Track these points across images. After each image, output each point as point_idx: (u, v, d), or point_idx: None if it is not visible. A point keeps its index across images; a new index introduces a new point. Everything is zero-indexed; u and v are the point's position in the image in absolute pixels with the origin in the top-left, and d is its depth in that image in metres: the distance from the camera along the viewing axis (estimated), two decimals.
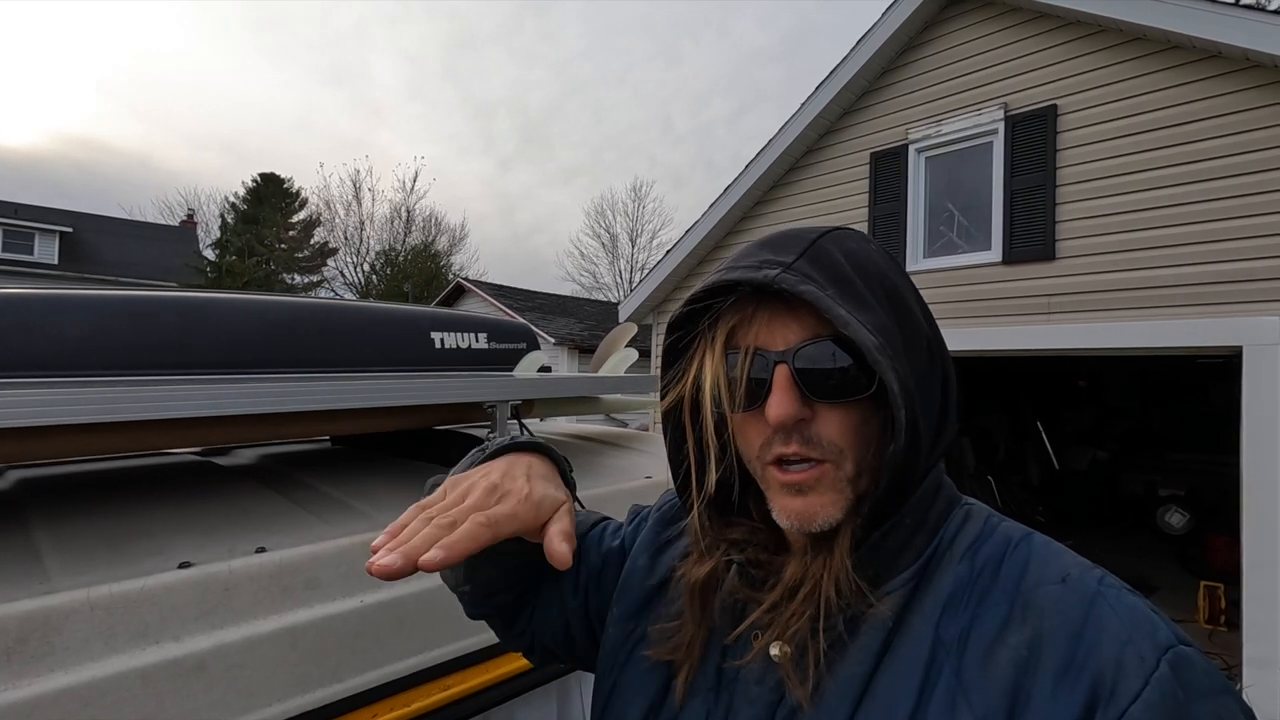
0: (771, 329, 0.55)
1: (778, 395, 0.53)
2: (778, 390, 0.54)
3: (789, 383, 0.54)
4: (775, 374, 0.54)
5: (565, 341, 14.18)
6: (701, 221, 7.54)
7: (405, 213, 31.84)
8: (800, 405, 0.54)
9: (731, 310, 0.57)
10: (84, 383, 0.88)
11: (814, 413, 0.54)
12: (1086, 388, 9.57)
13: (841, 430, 0.54)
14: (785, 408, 0.53)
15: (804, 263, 0.54)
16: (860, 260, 0.56)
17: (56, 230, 23.51)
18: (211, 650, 0.78)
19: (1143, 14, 4.68)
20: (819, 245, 0.56)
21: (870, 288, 0.55)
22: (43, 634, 0.71)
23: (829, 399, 0.54)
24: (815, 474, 0.54)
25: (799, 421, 0.54)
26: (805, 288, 0.52)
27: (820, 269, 0.54)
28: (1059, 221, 5.21)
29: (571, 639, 0.76)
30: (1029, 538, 0.55)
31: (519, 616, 0.77)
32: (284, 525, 1.00)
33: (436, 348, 1.54)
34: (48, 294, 1.11)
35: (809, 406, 0.54)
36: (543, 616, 0.77)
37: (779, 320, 0.55)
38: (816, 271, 0.54)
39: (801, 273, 0.53)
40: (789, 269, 0.53)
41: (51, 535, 0.90)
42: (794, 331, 0.55)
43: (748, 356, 0.56)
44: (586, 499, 1.27)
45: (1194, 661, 0.45)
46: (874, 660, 0.52)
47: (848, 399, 0.54)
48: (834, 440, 0.54)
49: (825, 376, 0.54)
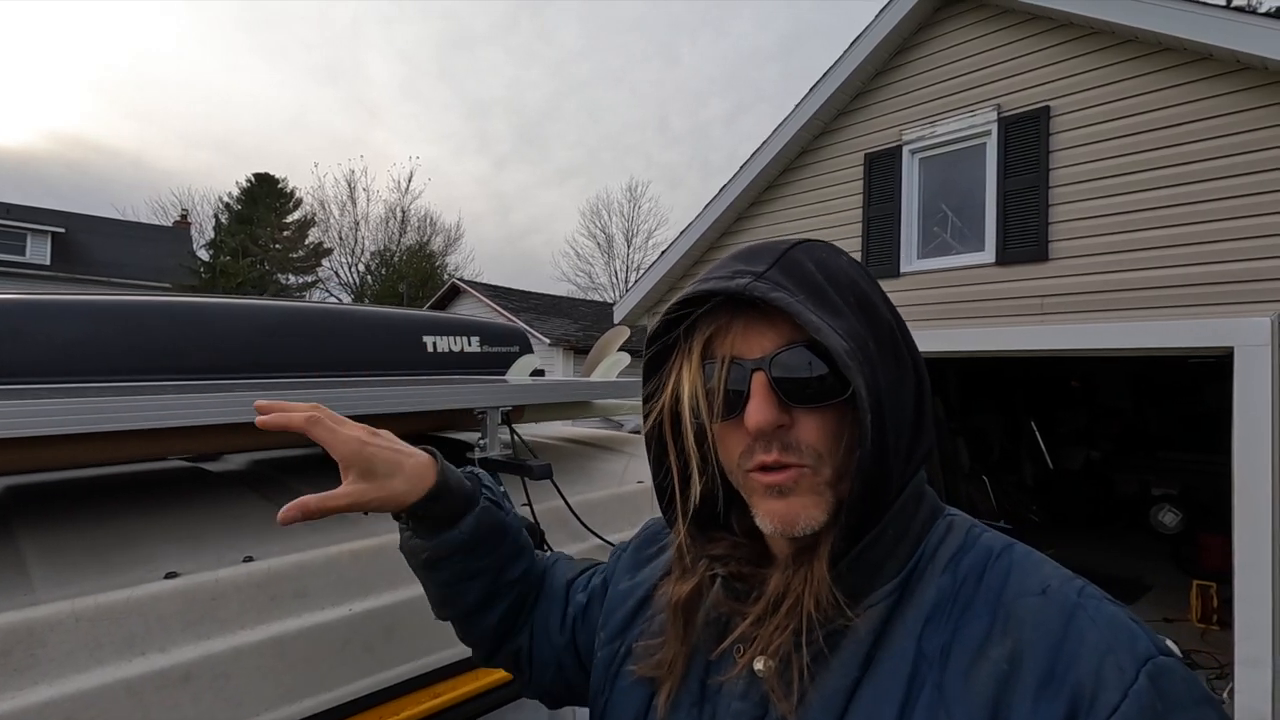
0: (747, 338, 0.56)
1: (756, 402, 0.54)
2: (756, 397, 0.54)
3: (767, 390, 0.54)
4: (753, 381, 0.54)
5: (560, 342, 14.17)
6: (696, 222, 7.54)
7: (400, 213, 31.78)
8: (779, 412, 0.54)
9: (707, 321, 0.57)
10: (71, 391, 0.88)
11: (793, 419, 0.55)
12: (1080, 388, 9.61)
13: (820, 435, 0.55)
14: (764, 414, 0.53)
15: (775, 272, 0.55)
16: (830, 269, 0.57)
17: (49, 231, 23.34)
18: (198, 660, 0.78)
19: (1135, 16, 4.70)
20: (790, 255, 0.57)
21: (841, 295, 0.55)
22: (27, 646, 0.70)
23: (806, 404, 0.54)
24: (795, 477, 0.55)
25: (778, 428, 0.54)
26: (777, 295, 0.53)
27: (792, 278, 0.55)
28: (1052, 223, 5.23)
29: (567, 679, 0.80)
30: (1010, 549, 0.56)
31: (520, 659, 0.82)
32: (273, 533, 0.99)
33: (429, 351, 1.53)
34: (36, 300, 1.10)
35: (787, 413, 0.55)
36: (539, 659, 0.81)
37: (754, 329, 0.56)
38: (788, 280, 0.55)
39: (773, 281, 0.54)
40: (761, 278, 0.54)
41: (36, 544, 0.90)
42: (769, 339, 0.55)
43: (724, 365, 0.56)
44: (579, 504, 1.27)
45: (1173, 672, 0.45)
46: (857, 673, 0.52)
47: (824, 403, 0.54)
48: (813, 445, 0.55)
49: (802, 383, 0.54)
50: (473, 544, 0.75)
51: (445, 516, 0.74)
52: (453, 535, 0.74)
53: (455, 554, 0.75)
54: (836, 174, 6.69)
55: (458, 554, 0.75)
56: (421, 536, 0.75)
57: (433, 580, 0.78)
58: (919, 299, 5.91)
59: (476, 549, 0.76)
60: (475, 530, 0.75)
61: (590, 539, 1.27)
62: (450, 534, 0.74)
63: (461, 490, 0.75)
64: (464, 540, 0.74)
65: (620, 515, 1.36)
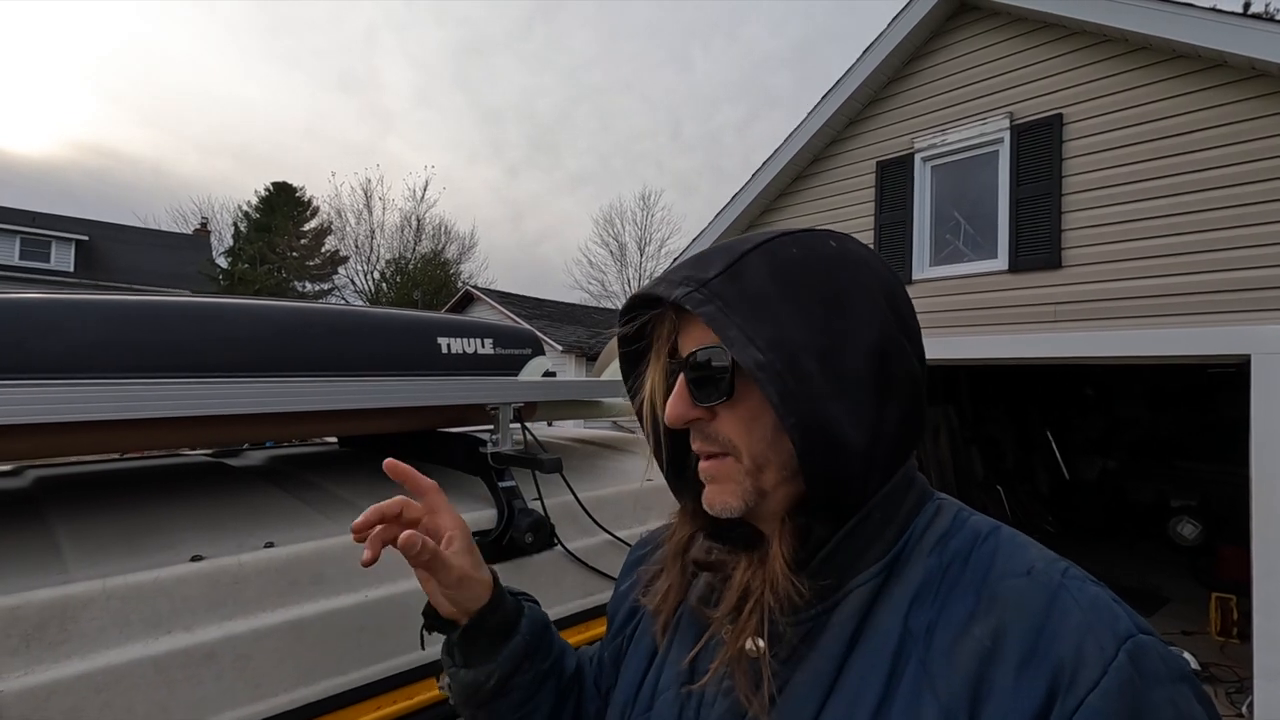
0: (689, 336, 0.61)
1: (672, 398, 0.60)
2: (674, 393, 0.60)
3: (683, 387, 0.59)
4: (678, 378, 0.60)
5: (573, 349, 14.22)
6: (708, 230, 7.58)
7: (416, 221, 32.11)
8: (689, 407, 0.59)
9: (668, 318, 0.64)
10: (100, 383, 0.92)
11: (712, 413, 0.59)
12: (1095, 396, 9.50)
13: (734, 427, 0.58)
14: (674, 409, 0.60)
15: (720, 281, 0.56)
16: (792, 271, 0.57)
17: (73, 239, 23.83)
18: (221, 640, 0.81)
19: (1147, 24, 4.69)
20: (746, 260, 0.58)
21: (796, 297, 0.55)
22: (60, 622, 0.74)
23: (708, 402, 0.59)
24: (718, 466, 0.59)
25: (696, 420, 0.60)
26: (705, 309, 0.55)
27: (734, 286, 0.56)
28: (1065, 230, 5.20)
29: None
30: (997, 531, 0.57)
31: None
32: (292, 522, 1.03)
33: (443, 352, 1.57)
34: (66, 299, 1.14)
35: (704, 408, 0.59)
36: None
37: (697, 328, 0.60)
38: (729, 288, 0.56)
39: (712, 291, 0.56)
40: (703, 287, 0.56)
41: (69, 529, 0.94)
42: (696, 340, 0.60)
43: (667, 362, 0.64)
44: (589, 500, 1.30)
45: (1152, 649, 0.46)
46: (842, 652, 0.54)
47: (725, 401, 0.58)
48: (729, 436, 0.59)
49: (709, 382, 0.58)
50: (535, 645, 0.74)
51: (502, 627, 0.73)
52: (516, 642, 0.73)
53: (522, 665, 0.73)
54: (848, 181, 6.70)
55: (524, 663, 0.73)
56: (481, 660, 0.72)
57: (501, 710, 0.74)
58: (931, 306, 5.89)
59: (538, 650, 0.75)
60: (532, 630, 0.75)
61: (599, 534, 1.30)
62: (513, 642, 0.73)
63: (508, 594, 0.76)
64: (526, 645, 0.73)
65: (629, 512, 1.38)
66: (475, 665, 0.72)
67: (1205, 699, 0.47)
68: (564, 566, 1.22)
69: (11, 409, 0.73)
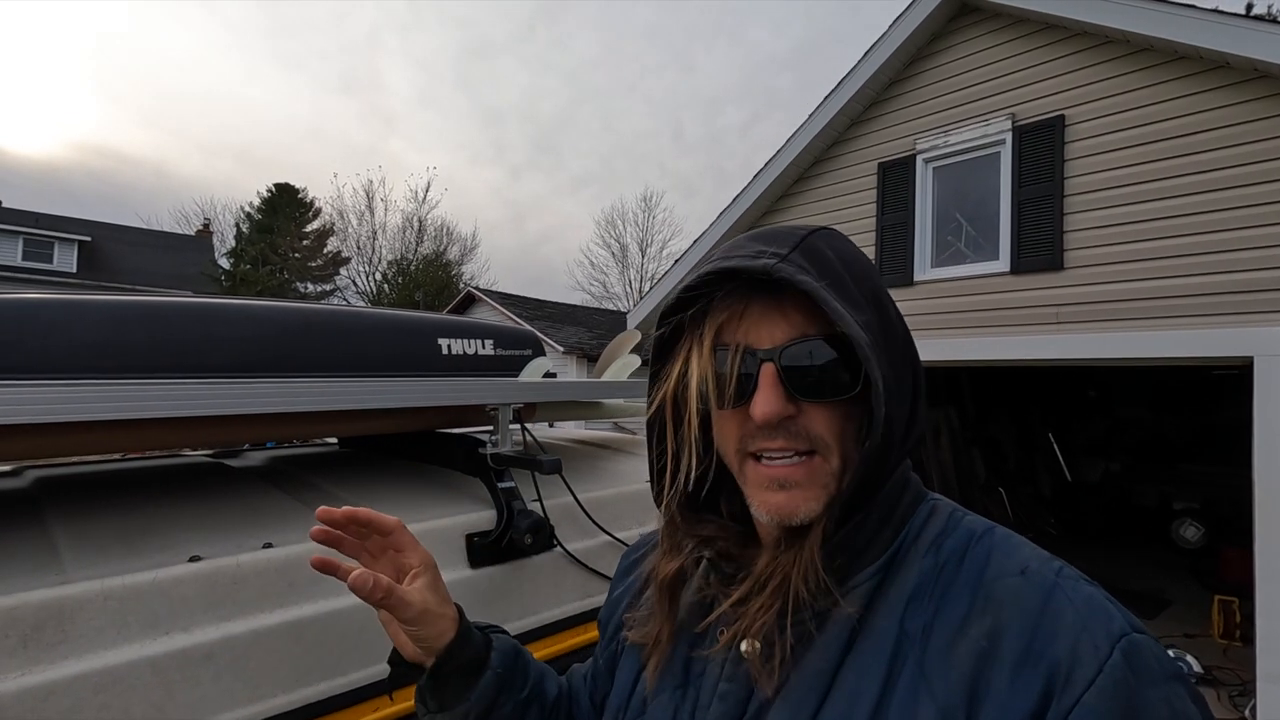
0: (759, 326, 0.56)
1: (764, 393, 0.54)
2: (764, 388, 0.54)
3: (775, 380, 0.54)
4: (761, 372, 0.55)
5: (574, 350, 14.22)
6: (710, 231, 7.57)
7: (418, 222, 32.14)
8: (785, 403, 0.54)
9: (722, 305, 0.57)
10: (100, 383, 0.92)
11: (800, 409, 0.55)
12: (1097, 398, 9.48)
13: (828, 426, 0.55)
14: (770, 405, 0.54)
15: (799, 255, 0.54)
16: (848, 260, 0.57)
17: (75, 240, 23.87)
18: (219, 641, 0.81)
19: (1150, 25, 4.68)
20: (810, 241, 0.56)
21: (859, 286, 0.56)
22: (58, 623, 0.74)
23: (811, 397, 0.55)
24: (803, 468, 0.55)
25: (784, 419, 0.55)
26: (803, 279, 0.52)
27: (814, 263, 0.54)
28: (1067, 231, 5.19)
29: None
30: (991, 531, 0.57)
31: None
32: (291, 523, 1.03)
33: (444, 353, 1.57)
34: (67, 299, 1.14)
35: (795, 404, 0.55)
36: None
37: (768, 318, 0.56)
38: (811, 265, 0.54)
39: (797, 264, 0.53)
40: (786, 260, 0.53)
41: (67, 530, 0.93)
42: (781, 330, 0.55)
43: (738, 353, 0.56)
44: (589, 501, 1.29)
45: (1146, 648, 0.47)
46: (840, 653, 0.54)
47: (831, 398, 0.55)
48: (821, 435, 0.55)
49: (810, 374, 0.54)
50: (509, 677, 0.72)
51: (472, 663, 0.70)
52: (488, 677, 0.70)
53: (498, 700, 0.70)
54: (850, 182, 6.70)
55: (500, 697, 0.70)
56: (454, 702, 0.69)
57: None
58: (932, 308, 5.89)
59: (513, 681, 0.72)
60: (503, 662, 0.72)
61: (599, 535, 1.29)
62: (485, 677, 0.70)
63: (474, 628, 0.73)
64: (499, 679, 0.71)
65: (627, 513, 1.38)
66: (450, 708, 0.69)
67: (1199, 698, 0.47)
68: (563, 568, 1.22)
69: (11, 409, 0.73)
